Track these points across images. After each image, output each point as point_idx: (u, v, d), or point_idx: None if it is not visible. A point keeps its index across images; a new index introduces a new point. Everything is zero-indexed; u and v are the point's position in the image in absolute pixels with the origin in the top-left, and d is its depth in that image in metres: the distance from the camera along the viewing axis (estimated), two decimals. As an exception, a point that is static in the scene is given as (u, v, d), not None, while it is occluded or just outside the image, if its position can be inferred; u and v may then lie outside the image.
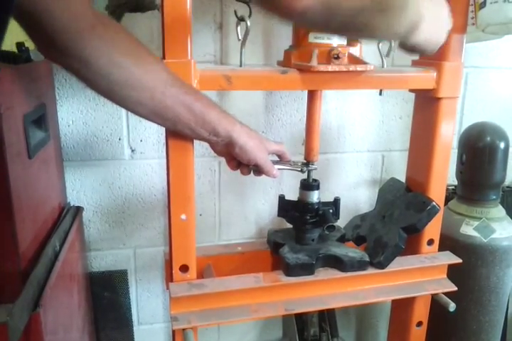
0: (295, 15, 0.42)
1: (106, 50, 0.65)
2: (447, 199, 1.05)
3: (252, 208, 1.34)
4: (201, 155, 1.21)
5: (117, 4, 1.04)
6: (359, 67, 0.86)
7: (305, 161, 0.98)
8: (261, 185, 1.31)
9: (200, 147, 0.87)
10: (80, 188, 1.21)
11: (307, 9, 0.41)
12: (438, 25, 0.64)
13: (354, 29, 0.50)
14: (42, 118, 0.92)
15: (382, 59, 0.96)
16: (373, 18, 0.48)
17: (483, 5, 0.84)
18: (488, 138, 1.10)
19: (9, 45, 0.91)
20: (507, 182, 1.25)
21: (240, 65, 0.89)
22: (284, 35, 1.19)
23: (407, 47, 0.63)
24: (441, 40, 0.67)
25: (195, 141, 0.83)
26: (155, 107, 0.72)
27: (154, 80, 0.71)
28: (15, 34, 0.84)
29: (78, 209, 1.14)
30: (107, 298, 1.26)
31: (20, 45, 0.91)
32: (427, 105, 1.00)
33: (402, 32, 0.56)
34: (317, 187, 0.98)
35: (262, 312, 0.91)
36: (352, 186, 1.39)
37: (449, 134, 0.98)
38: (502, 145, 1.10)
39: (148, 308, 1.35)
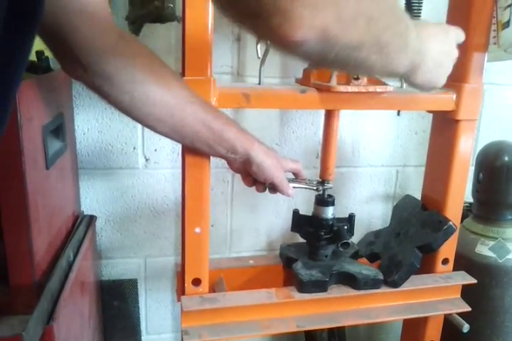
0: (290, 47, 0.40)
1: (129, 66, 0.66)
2: (462, 217, 1.04)
3: (264, 220, 1.33)
4: (215, 167, 1.20)
5: (138, 15, 1.05)
6: (378, 88, 0.86)
7: (320, 180, 0.98)
8: (273, 197, 1.30)
9: (213, 158, 0.87)
10: (93, 196, 1.21)
11: (303, 42, 0.39)
12: (439, 71, 0.63)
13: (350, 65, 0.48)
14: (60, 128, 0.93)
15: (401, 79, 0.95)
16: (371, 57, 0.47)
17: (506, 25, 0.83)
18: (506, 158, 1.09)
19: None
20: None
21: (259, 83, 0.89)
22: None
23: (407, 82, 0.63)
24: (440, 84, 0.66)
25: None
26: (175, 124, 0.72)
27: (175, 97, 0.71)
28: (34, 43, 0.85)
29: (91, 219, 1.14)
30: (116, 306, 1.26)
31: (40, 53, 0.92)
32: (445, 126, 0.99)
33: (401, 72, 0.56)
34: (332, 203, 0.98)
35: (274, 328, 0.90)
36: (365, 201, 1.38)
37: (467, 155, 0.98)
38: (520, 164, 1.09)
39: (157, 318, 1.35)
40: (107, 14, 0.63)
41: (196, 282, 0.90)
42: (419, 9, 0.94)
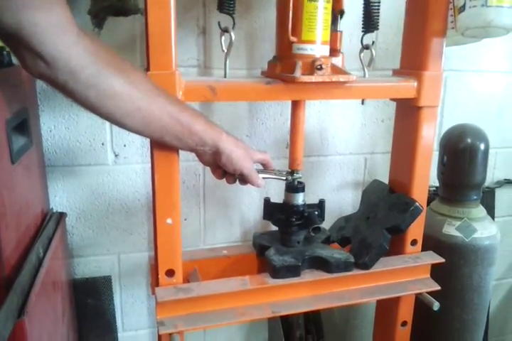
0: None
1: (93, 60, 0.66)
2: (428, 201, 1.07)
3: (237, 212, 1.34)
4: (185, 160, 1.20)
5: (100, 8, 1.03)
6: (342, 78, 0.87)
7: (289, 170, 0.99)
8: (245, 189, 1.30)
9: (184, 151, 0.88)
10: (63, 194, 1.19)
11: None
12: None
13: None
14: (24, 124, 0.91)
15: (364, 69, 0.98)
16: None
17: (462, 9, 0.85)
18: (469, 140, 1.12)
19: (-10, 49, 0.90)
20: (486, 183, 1.28)
21: (225, 76, 0.89)
22: (266, 40, 1.20)
23: None
24: None
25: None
26: (143, 118, 0.72)
27: (140, 90, 0.71)
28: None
29: (61, 215, 1.12)
30: (90, 304, 1.24)
31: (1, 49, 0.90)
32: (408, 113, 1.02)
33: None
34: (302, 190, 0.99)
35: (249, 315, 0.91)
36: (335, 188, 1.40)
37: (430, 139, 1.00)
38: (482, 146, 1.12)
39: (133, 314, 1.34)
40: (64, 9, 0.63)
41: (170, 273, 0.90)
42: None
